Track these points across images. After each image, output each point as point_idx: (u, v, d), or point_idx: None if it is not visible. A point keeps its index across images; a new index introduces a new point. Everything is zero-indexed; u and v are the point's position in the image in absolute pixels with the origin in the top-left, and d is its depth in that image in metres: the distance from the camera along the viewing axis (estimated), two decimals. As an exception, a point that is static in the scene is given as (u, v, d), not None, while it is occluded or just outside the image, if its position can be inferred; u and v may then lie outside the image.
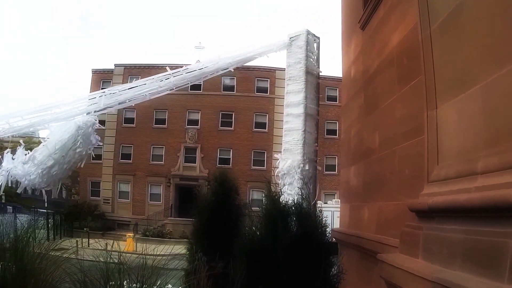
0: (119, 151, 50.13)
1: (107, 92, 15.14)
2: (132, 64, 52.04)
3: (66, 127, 14.10)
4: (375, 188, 8.37)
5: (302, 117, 12.53)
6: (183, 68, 15.41)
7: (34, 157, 13.90)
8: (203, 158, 48.48)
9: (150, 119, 49.36)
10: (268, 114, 48.75)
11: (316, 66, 13.46)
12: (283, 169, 12.50)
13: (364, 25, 10.01)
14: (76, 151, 14.12)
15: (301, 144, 12.35)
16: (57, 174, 14.43)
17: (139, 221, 44.83)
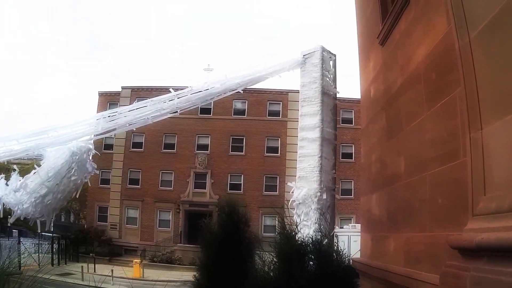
0: (127, 176, 49.59)
1: (106, 115, 14.28)
2: (139, 86, 51.85)
3: (59, 153, 13.34)
4: (402, 218, 7.54)
5: (318, 142, 11.53)
6: (188, 89, 14.68)
7: (26, 184, 13.17)
8: (213, 184, 47.82)
9: (159, 143, 48.84)
10: (281, 138, 48.12)
11: (332, 86, 12.55)
12: (298, 198, 11.55)
13: (384, 40, 9.23)
14: (70, 179, 13.33)
15: (317, 171, 11.33)
16: (51, 204, 13.66)
17: (147, 247, 44.16)
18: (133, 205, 48.93)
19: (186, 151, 48.53)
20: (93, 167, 13.76)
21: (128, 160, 49.29)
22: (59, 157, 13.19)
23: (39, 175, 13.01)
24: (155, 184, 48.64)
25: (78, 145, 13.27)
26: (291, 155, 46.63)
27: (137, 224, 48.74)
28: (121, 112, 14.39)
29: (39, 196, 13.16)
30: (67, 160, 13.04)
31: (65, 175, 13.14)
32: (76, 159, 13.10)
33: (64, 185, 13.38)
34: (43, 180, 12.94)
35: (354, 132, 43.43)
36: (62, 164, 13.02)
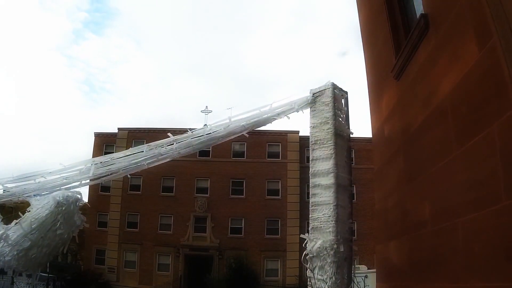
0: (125, 219, 48.91)
1: (98, 161, 13.18)
2: (136, 128, 51.74)
3: (43, 203, 12.31)
4: (429, 268, 6.70)
5: (332, 189, 10.52)
6: (188, 133, 13.93)
7: (7, 235, 11.99)
8: (214, 228, 47.12)
9: (157, 186, 48.37)
10: (281, 180, 47.75)
11: (346, 126, 11.71)
12: (312, 251, 10.64)
13: (399, 74, 8.51)
14: (56, 233, 12.21)
15: (333, 221, 10.30)
16: (36, 258, 12.52)
17: None
18: (131, 248, 48.07)
19: (185, 194, 48.02)
20: (82, 219, 12.78)
21: (126, 203, 48.68)
22: (43, 207, 12.18)
23: (22, 227, 11.96)
24: (154, 227, 47.92)
25: (64, 195, 12.27)
26: (292, 198, 46.63)
27: (135, 268, 47.80)
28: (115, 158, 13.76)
29: (22, 249, 12.09)
30: (52, 211, 11.99)
31: (50, 228, 12.12)
32: (62, 210, 12.07)
33: (50, 239, 12.35)
34: (26, 232, 11.90)
35: (356, 172, 42.64)
36: (47, 216, 11.97)
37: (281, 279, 44.24)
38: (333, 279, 8.97)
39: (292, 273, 43.77)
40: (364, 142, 38.67)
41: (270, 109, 12.45)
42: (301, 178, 45.88)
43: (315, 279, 9.69)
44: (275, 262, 45.39)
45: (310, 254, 10.52)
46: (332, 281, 8.55)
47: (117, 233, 48.32)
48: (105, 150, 47.21)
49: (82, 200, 12.67)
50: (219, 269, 45.09)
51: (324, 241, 10.36)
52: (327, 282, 9.08)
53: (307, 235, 11.01)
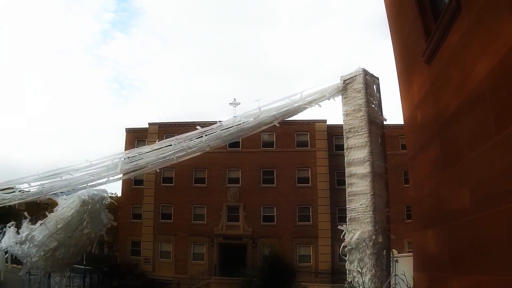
0: (159, 211, 49.41)
1: (125, 156, 13.53)
2: (166, 122, 52.15)
3: (68, 202, 12.49)
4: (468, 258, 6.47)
5: (369, 178, 10.33)
6: (217, 125, 13.53)
7: (32, 237, 12.35)
8: (246, 217, 47.42)
9: (189, 178, 48.74)
10: (311, 168, 47.71)
11: (379, 113, 11.39)
12: (350, 242, 10.36)
13: (430, 58, 8.25)
14: (83, 232, 12.45)
15: (370, 211, 10.09)
16: (63, 258, 12.86)
17: (181, 280, 43.79)
18: (166, 239, 48.63)
19: (217, 184, 48.32)
20: (109, 218, 13.12)
21: (159, 195, 49.24)
22: (68, 206, 12.35)
23: (47, 227, 12.19)
24: (187, 218, 48.41)
25: (89, 193, 12.50)
26: (322, 185, 46.73)
27: (170, 258, 48.40)
28: (142, 153, 13.49)
29: (49, 249, 12.39)
30: (77, 210, 12.20)
31: (77, 227, 12.34)
32: (88, 209, 12.28)
33: (77, 238, 12.58)
34: (51, 232, 12.13)
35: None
36: (73, 215, 12.17)
37: (313, 265, 44.30)
38: (373, 271, 8.79)
39: (324, 259, 44.14)
40: (389, 128, 38.47)
41: (300, 98, 12.19)
42: (330, 166, 45.97)
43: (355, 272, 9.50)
44: (307, 248, 45.56)
45: (349, 246, 10.29)
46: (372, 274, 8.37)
47: (152, 224, 48.86)
48: (137, 146, 46.43)
49: (108, 198, 13.22)
50: (253, 257, 45.39)
51: (362, 232, 10.12)
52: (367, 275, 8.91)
53: (345, 226, 10.76)
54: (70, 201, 12.72)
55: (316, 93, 12.22)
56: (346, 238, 10.71)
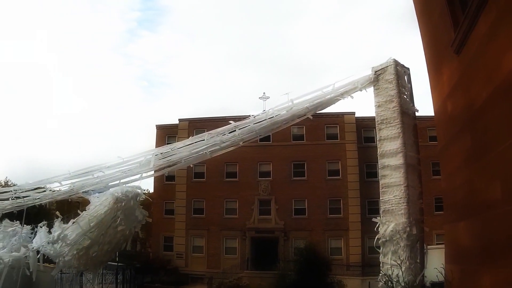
0: (191, 206, 49.71)
1: (158, 152, 13.50)
2: (196, 118, 52.32)
3: (101, 200, 12.39)
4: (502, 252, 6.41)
5: (402, 169, 10.40)
6: (250, 119, 13.51)
7: (65, 236, 12.30)
8: (278, 210, 47.34)
9: (221, 172, 48.83)
10: (340, 161, 47.48)
11: (410, 104, 11.31)
12: (384, 235, 10.29)
13: (459, 49, 8.16)
14: (117, 230, 12.35)
15: (404, 203, 10.12)
16: (97, 256, 12.78)
17: (214, 274, 43.50)
18: (198, 234, 48.94)
19: (249, 178, 48.39)
20: (143, 214, 12.93)
21: (191, 190, 49.55)
22: (101, 204, 12.23)
23: (80, 225, 12.11)
24: (220, 212, 48.55)
25: (123, 190, 12.37)
26: (352, 177, 46.53)
27: (203, 252, 48.66)
28: (175, 148, 13.46)
29: (82, 248, 12.29)
30: (110, 207, 12.07)
31: (110, 224, 12.21)
32: (122, 206, 12.12)
33: (110, 236, 12.46)
34: (84, 230, 12.03)
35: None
36: (106, 213, 12.05)
37: (344, 257, 44.08)
38: (407, 264, 8.73)
39: (355, 252, 43.97)
40: (417, 120, 38.22)
41: (333, 90, 12.16)
42: (359, 158, 45.98)
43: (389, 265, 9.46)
44: (338, 241, 45.36)
45: (383, 239, 10.24)
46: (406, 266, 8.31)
47: (184, 220, 49.19)
48: (168, 142, 47.02)
49: (142, 195, 12.97)
50: (285, 250, 45.38)
51: (396, 224, 10.08)
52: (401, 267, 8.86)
53: (379, 219, 10.71)
54: (103, 198, 12.59)
55: (348, 85, 12.25)
56: (380, 230, 10.67)
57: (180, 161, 13.58)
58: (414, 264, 7.90)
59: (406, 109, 11.21)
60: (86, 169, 13.43)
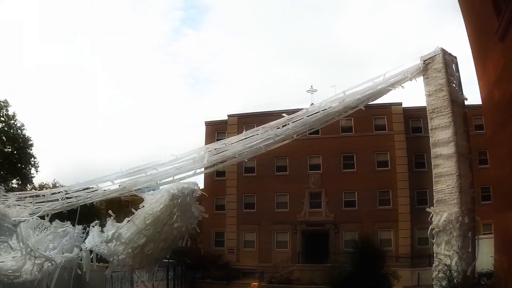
0: (242, 201, 50.06)
1: (211, 148, 13.50)
2: (245, 113, 52.80)
3: (157, 197, 12.38)
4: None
5: (454, 158, 10.52)
6: (303, 111, 13.60)
7: (119, 234, 12.34)
8: (328, 202, 47.27)
9: (271, 166, 48.97)
10: (389, 152, 47.12)
11: (459, 92, 11.27)
12: (438, 225, 10.28)
13: (504, 36, 8.15)
14: (173, 227, 12.33)
15: (457, 192, 10.23)
16: (153, 254, 12.83)
17: (265, 269, 43.74)
18: (249, 228, 49.30)
19: (299, 172, 48.29)
20: (200, 210, 12.94)
21: (241, 185, 49.95)
22: (156, 201, 12.22)
23: (135, 224, 12.14)
24: (270, 206, 48.70)
25: (179, 187, 12.31)
26: (400, 168, 46.17)
27: (254, 247, 49.01)
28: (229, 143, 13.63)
29: (137, 246, 12.37)
30: (166, 205, 12.04)
31: (166, 222, 12.18)
32: (178, 203, 12.08)
33: (166, 233, 12.45)
34: (140, 228, 12.07)
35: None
36: (162, 210, 12.03)
37: (394, 249, 43.57)
38: (459, 254, 8.67)
39: (404, 243, 43.72)
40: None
41: (383, 80, 12.15)
42: (408, 149, 45.59)
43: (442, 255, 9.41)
44: (388, 232, 44.97)
45: (437, 229, 10.22)
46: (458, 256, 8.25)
47: (235, 215, 49.63)
48: (217, 138, 47.84)
49: (198, 191, 12.95)
50: (335, 242, 45.43)
51: (449, 213, 10.07)
52: (453, 257, 8.82)
53: (433, 208, 10.69)
54: (158, 196, 12.57)
55: (398, 75, 12.29)
56: (433, 221, 10.63)
57: (234, 156, 13.63)
58: (466, 254, 7.89)
59: (456, 97, 11.19)
60: (139, 167, 13.46)
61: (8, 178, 52.20)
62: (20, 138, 51.96)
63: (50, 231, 14.88)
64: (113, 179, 13.53)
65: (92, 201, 14.47)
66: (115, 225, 13.15)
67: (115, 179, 13.51)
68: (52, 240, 14.65)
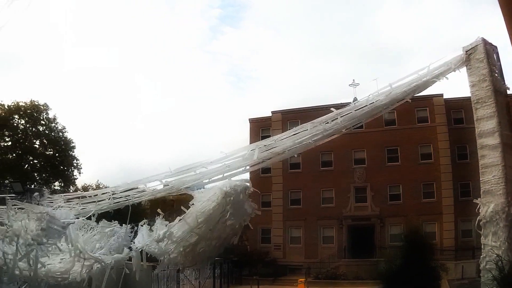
0: (288, 197, 50.41)
1: (261, 145, 13.47)
2: (289, 109, 52.78)
3: (209, 195, 12.14)
4: None
5: (499, 149, 10.63)
6: (351, 106, 13.68)
7: (171, 233, 12.11)
8: (374, 196, 47.47)
9: (316, 162, 49.20)
10: (432, 144, 47.00)
11: (502, 82, 11.44)
12: (485, 216, 10.52)
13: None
14: (226, 224, 12.03)
15: (503, 183, 10.38)
16: (204, 252, 12.59)
17: (311, 264, 44.23)
18: (296, 224, 49.63)
19: (344, 166, 48.54)
20: (252, 207, 12.74)
21: (287, 182, 50.26)
22: (209, 199, 11.98)
23: (186, 222, 11.91)
24: (316, 202, 48.96)
25: (231, 184, 12.07)
26: (444, 160, 46.00)
27: (301, 243, 49.38)
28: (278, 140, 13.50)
29: (189, 244, 12.09)
30: (219, 202, 11.78)
31: (219, 219, 11.93)
32: (231, 200, 11.82)
33: (219, 231, 12.19)
34: (191, 227, 11.82)
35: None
36: (214, 208, 11.79)
37: (438, 242, 42.79)
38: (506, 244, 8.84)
39: (448, 236, 43.46)
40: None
41: (428, 72, 12.52)
42: (450, 140, 45.47)
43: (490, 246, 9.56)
44: (432, 225, 44.62)
45: (484, 220, 10.31)
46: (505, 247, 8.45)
47: (281, 211, 50.06)
48: (262, 135, 48.57)
49: (250, 188, 12.61)
50: (381, 237, 45.61)
51: (496, 204, 10.36)
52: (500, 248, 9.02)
53: (480, 200, 10.81)
54: (210, 194, 12.29)
55: (442, 66, 12.29)
56: (481, 212, 10.69)
57: (283, 152, 13.55)
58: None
59: (499, 87, 11.07)
60: (188, 166, 13.44)
61: (51, 180, 53.55)
62: (62, 140, 53.37)
63: (97, 231, 14.92)
64: (161, 179, 13.58)
65: (140, 200, 14.50)
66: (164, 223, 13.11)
67: (163, 178, 13.56)
68: (99, 240, 14.70)
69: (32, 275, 11.58)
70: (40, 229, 11.17)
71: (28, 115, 51.93)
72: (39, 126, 53.06)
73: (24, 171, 50.30)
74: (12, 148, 51.92)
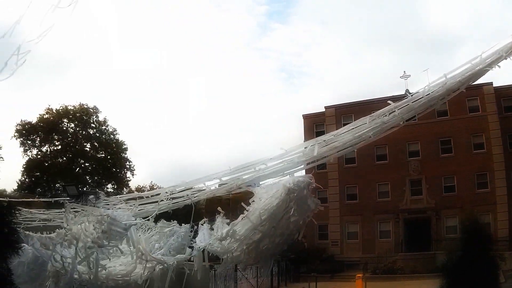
0: (345, 192, 50.71)
1: (321, 140, 13.24)
2: (342, 104, 53.04)
3: (272, 192, 12.13)
4: None
5: None
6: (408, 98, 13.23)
7: (234, 232, 12.12)
8: (429, 189, 47.27)
9: (371, 156, 49.22)
10: (484, 133, 46.61)
11: None
12: None
13: None
14: (289, 221, 11.99)
15: None
16: (268, 250, 12.57)
17: (369, 259, 44.47)
18: (352, 220, 49.84)
19: (399, 159, 48.60)
20: (316, 203, 12.52)
21: (343, 177, 50.55)
22: (272, 196, 11.97)
23: (250, 220, 11.85)
24: (373, 196, 49.15)
25: (295, 180, 11.99)
26: (496, 149, 45.51)
27: (358, 238, 49.58)
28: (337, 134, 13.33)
29: (252, 242, 12.08)
30: (282, 199, 11.67)
31: (283, 216, 11.87)
32: (294, 196, 11.72)
33: (282, 227, 12.18)
34: (255, 224, 11.76)
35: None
36: (278, 205, 11.69)
37: (493, 232, 41.05)
38: None
39: (502, 226, 42.72)
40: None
41: (480, 61, 12.38)
42: (501, 129, 45.05)
43: None
44: (487, 216, 43.19)
45: None
46: None
47: (338, 207, 50.32)
48: (316, 130, 49.33)
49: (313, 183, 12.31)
50: (437, 229, 45.44)
51: None
52: None
53: None
54: (273, 190, 12.09)
55: (493, 54, 12.10)
56: None
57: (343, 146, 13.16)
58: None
59: None
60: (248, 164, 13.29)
61: (103, 183, 54.64)
62: (113, 143, 54.61)
63: (155, 231, 14.95)
64: (220, 177, 13.47)
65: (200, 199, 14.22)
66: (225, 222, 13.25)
67: (222, 177, 13.42)
68: (158, 240, 14.78)
69: (93, 278, 11.93)
70: (101, 231, 11.33)
71: (77, 118, 53.29)
72: (89, 129, 54.59)
73: (75, 174, 51.45)
74: (62, 151, 53.24)
